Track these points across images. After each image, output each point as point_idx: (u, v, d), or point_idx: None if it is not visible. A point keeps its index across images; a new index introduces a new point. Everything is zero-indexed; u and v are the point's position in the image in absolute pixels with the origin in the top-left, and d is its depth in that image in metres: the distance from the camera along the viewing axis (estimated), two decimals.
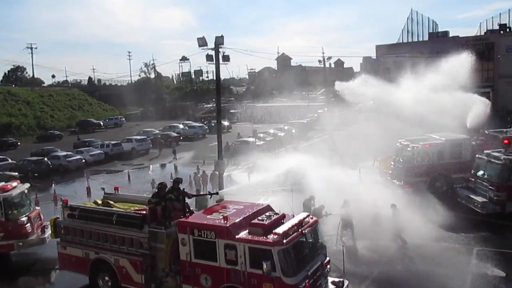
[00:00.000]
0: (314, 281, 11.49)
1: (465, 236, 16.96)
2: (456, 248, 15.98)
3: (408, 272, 14.53)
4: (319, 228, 12.72)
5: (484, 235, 17.22)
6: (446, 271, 14.39)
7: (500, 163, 18.78)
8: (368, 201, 17.03)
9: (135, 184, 30.84)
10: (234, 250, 11.23)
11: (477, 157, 20.75)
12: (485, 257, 15.07)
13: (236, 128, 55.72)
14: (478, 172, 20.15)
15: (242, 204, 13.45)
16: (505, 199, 18.50)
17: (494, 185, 18.81)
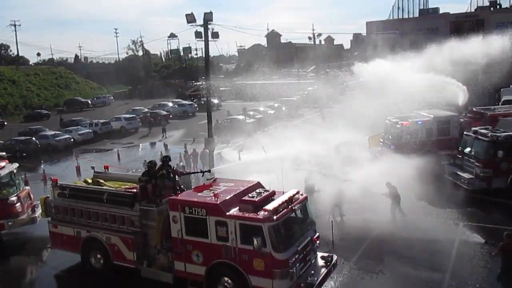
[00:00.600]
0: (303, 256, 11.75)
1: (451, 212, 17.36)
2: (442, 223, 16.36)
3: (394, 245, 14.92)
4: (308, 204, 12.94)
5: (470, 211, 17.64)
6: (432, 244, 14.85)
7: (487, 140, 19.08)
8: (361, 177, 17.41)
9: (125, 162, 30.83)
10: (225, 226, 11.40)
11: (464, 134, 21.05)
12: (470, 231, 15.49)
13: (225, 106, 55.56)
14: (465, 149, 20.46)
15: (232, 181, 13.57)
16: (492, 175, 18.85)
17: (481, 161, 19.13)
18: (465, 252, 14.35)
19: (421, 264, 13.68)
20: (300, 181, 17.03)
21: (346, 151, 19.44)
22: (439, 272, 13.16)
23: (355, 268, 13.75)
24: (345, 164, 19.76)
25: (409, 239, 15.36)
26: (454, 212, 17.34)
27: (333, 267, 12.57)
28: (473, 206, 17.97)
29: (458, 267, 13.44)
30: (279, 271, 10.93)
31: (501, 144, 18.70)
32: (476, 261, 13.71)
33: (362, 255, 14.55)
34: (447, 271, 13.20)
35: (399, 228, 16.22)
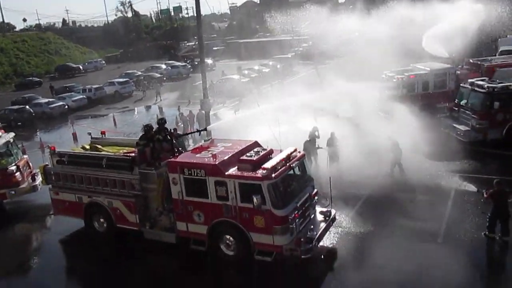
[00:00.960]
0: (302, 212, 12.06)
1: (448, 164, 17.60)
2: (439, 175, 16.65)
3: (392, 198, 15.28)
4: (306, 161, 13.12)
5: (466, 162, 17.90)
6: (429, 196, 15.24)
7: (484, 91, 19.06)
8: (359, 132, 17.61)
9: (122, 127, 30.84)
10: (225, 186, 11.60)
11: (461, 86, 21.03)
12: (466, 182, 15.81)
13: (219, 66, 54.98)
14: (461, 101, 20.49)
15: (230, 141, 13.69)
16: (487, 126, 18.99)
17: (477, 113, 19.20)
18: (461, 202, 14.73)
19: (418, 216, 14.04)
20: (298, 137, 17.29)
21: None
22: (436, 222, 13.53)
23: (353, 222, 14.11)
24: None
25: (407, 192, 15.73)
26: (450, 164, 17.60)
27: (331, 221, 12.92)
28: (469, 158, 18.21)
29: (453, 217, 13.82)
30: (279, 227, 11.23)
31: (497, 95, 18.69)
32: (471, 209, 14.09)
33: (360, 209, 14.90)
34: (443, 221, 13.57)
35: (397, 182, 16.56)
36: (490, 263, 12.23)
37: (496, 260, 12.33)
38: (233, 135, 15.03)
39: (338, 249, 12.75)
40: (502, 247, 12.28)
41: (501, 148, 18.55)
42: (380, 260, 11.93)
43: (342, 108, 21.80)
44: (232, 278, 12.21)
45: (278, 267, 11.79)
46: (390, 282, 10.95)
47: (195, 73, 49.64)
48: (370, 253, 12.31)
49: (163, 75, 51.41)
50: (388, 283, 10.93)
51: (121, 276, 12.78)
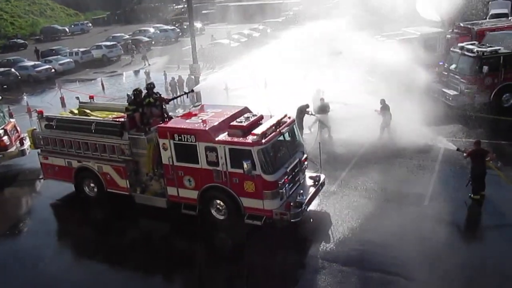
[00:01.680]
0: (292, 177, 12.12)
1: (436, 128, 17.64)
2: (427, 140, 16.71)
3: (380, 163, 15.41)
4: (296, 127, 13.06)
5: (454, 127, 17.99)
6: (417, 160, 15.40)
7: (473, 55, 18.96)
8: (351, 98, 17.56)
9: (110, 92, 30.35)
10: (215, 152, 11.56)
11: (450, 51, 20.88)
12: (453, 145, 15.96)
13: (209, 30, 53.85)
14: (451, 65, 20.40)
15: (220, 107, 13.56)
16: (475, 91, 19.02)
17: (466, 77, 19.19)
18: (448, 165, 14.96)
19: (407, 179, 14.24)
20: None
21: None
22: (423, 185, 13.75)
23: (342, 186, 14.24)
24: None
25: (395, 156, 15.86)
26: (438, 128, 17.64)
27: (321, 186, 13.02)
28: (457, 122, 18.31)
29: (440, 179, 14.07)
30: (269, 192, 11.30)
31: (487, 59, 18.63)
32: (457, 172, 14.34)
33: (349, 173, 15.03)
34: (430, 184, 13.80)
35: (385, 146, 16.65)
36: (469, 219, 12.64)
37: (473, 215, 12.73)
38: (223, 101, 14.84)
39: (326, 213, 12.90)
40: (479, 202, 12.74)
41: (487, 112, 18.61)
42: (368, 223, 12.14)
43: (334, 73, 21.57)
44: (223, 241, 12.36)
45: (268, 231, 11.94)
46: (375, 244, 11.18)
47: (184, 37, 48.62)
48: (358, 216, 12.50)
49: (151, 39, 50.25)
50: (374, 245, 11.15)
51: (113, 239, 12.87)
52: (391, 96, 17.61)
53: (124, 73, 37.27)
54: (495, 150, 13.33)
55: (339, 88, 19.32)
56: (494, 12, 34.51)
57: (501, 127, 17.73)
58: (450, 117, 18.72)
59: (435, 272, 10.09)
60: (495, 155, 12.82)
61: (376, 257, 10.70)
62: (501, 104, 19.16)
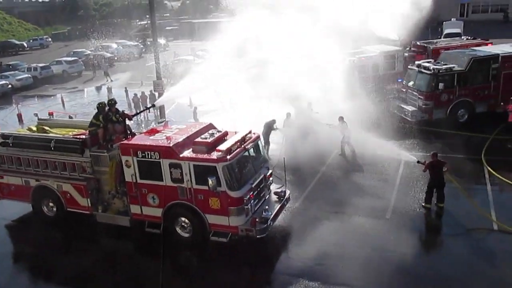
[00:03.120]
0: (258, 192, 12.13)
1: (397, 143, 18.12)
2: (388, 154, 17.12)
3: (343, 177, 15.69)
4: (261, 143, 13.13)
5: (413, 142, 18.55)
6: (379, 174, 15.77)
7: (429, 73, 19.73)
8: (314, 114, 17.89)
9: (71, 108, 29.60)
10: (179, 168, 11.44)
11: (408, 68, 21.67)
12: (411, 159, 16.46)
13: (172, 46, 53.70)
14: (409, 82, 21.13)
15: (184, 124, 13.52)
16: (433, 107, 19.75)
17: (423, 94, 19.91)
18: (408, 178, 15.41)
19: (369, 194, 14.52)
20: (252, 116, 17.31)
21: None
22: (385, 199, 14.08)
23: (306, 201, 14.36)
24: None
25: (357, 170, 16.25)
26: (398, 143, 18.16)
27: (286, 201, 13.08)
28: (416, 137, 18.90)
29: (401, 192, 14.45)
30: (234, 208, 11.25)
31: (442, 76, 19.43)
32: (417, 184, 14.77)
33: (314, 188, 15.20)
34: (392, 197, 14.15)
35: (348, 161, 17.00)
36: (428, 230, 13.03)
37: (433, 227, 13.10)
38: (187, 119, 14.77)
39: (292, 228, 12.94)
40: (438, 214, 13.21)
41: (445, 127, 19.30)
42: (332, 237, 12.25)
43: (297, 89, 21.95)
44: (188, 259, 12.15)
45: (233, 247, 11.84)
46: (340, 258, 11.29)
47: (148, 53, 48.23)
48: (322, 231, 12.61)
49: (114, 54, 49.63)
50: (339, 259, 11.26)
51: (73, 261, 12.37)
52: (351, 113, 18.05)
53: (85, 89, 36.50)
54: (451, 163, 13.82)
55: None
56: (448, 31, 36.23)
57: (457, 142, 18.39)
58: (409, 132, 19.34)
59: (398, 285, 10.27)
60: (449, 167, 13.29)
61: (341, 271, 10.80)
62: (456, 119, 19.93)
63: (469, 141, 18.60)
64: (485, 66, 19.78)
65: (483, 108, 20.06)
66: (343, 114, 17.59)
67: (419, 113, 20.03)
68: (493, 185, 14.55)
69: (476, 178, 15.28)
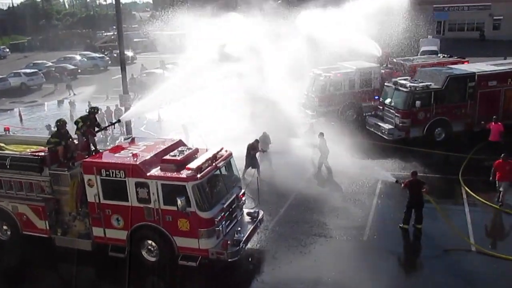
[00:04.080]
0: (229, 213, 12.11)
1: (372, 162, 18.50)
2: (364, 173, 17.43)
3: (319, 197, 15.84)
4: (233, 161, 13.16)
5: (390, 160, 18.91)
6: (355, 194, 15.99)
7: (406, 90, 20.29)
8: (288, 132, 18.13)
9: (29, 123, 28.99)
10: (146, 188, 11.34)
11: (385, 85, 22.23)
12: (390, 178, 16.76)
13: (141, 59, 53.54)
14: (386, 99, 21.66)
15: (152, 140, 13.51)
16: (410, 125, 20.26)
17: (400, 112, 20.43)
18: (385, 198, 15.65)
19: (346, 214, 14.68)
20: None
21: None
22: (362, 220, 14.26)
23: (281, 222, 14.40)
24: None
25: (334, 190, 16.45)
26: (375, 162, 18.49)
27: (259, 222, 13.08)
28: (393, 156, 19.28)
29: (378, 213, 14.68)
30: (205, 230, 11.19)
31: (419, 94, 19.99)
32: (394, 205, 14.98)
33: (288, 208, 15.28)
34: (369, 218, 14.34)
35: (324, 180, 17.20)
36: (406, 251, 13.28)
37: (411, 248, 13.37)
38: (156, 134, 14.70)
39: (266, 250, 12.93)
40: (416, 235, 13.44)
41: (421, 146, 19.81)
42: (308, 260, 12.31)
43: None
44: (154, 285, 11.94)
45: (203, 272, 11.73)
46: (316, 282, 11.34)
47: (114, 65, 47.89)
48: (298, 253, 12.63)
49: (77, 67, 49.05)
50: (315, 283, 11.31)
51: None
52: (329, 130, 18.36)
53: (45, 103, 35.83)
54: (428, 183, 14.14)
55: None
56: (424, 49, 37.44)
57: (434, 161, 18.89)
58: (386, 150, 19.73)
59: None
60: (428, 188, 13.56)
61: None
62: (434, 138, 20.46)
63: (447, 160, 19.16)
64: (462, 85, 20.46)
65: (460, 127, 20.63)
66: (320, 132, 17.87)
67: (396, 131, 20.49)
68: (470, 205, 14.94)
69: (454, 198, 15.71)
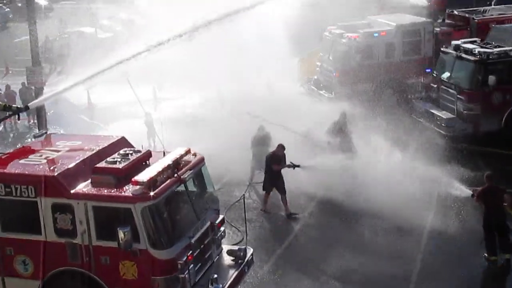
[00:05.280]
0: (201, 252, 12.04)
1: (424, 170, 18.30)
2: (412, 186, 17.35)
3: (340, 225, 16.03)
4: (207, 170, 13.10)
5: (450, 169, 18.69)
6: (398, 218, 16.01)
7: (474, 59, 20.23)
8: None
9: None
10: (70, 213, 11.27)
11: (441, 52, 22.21)
12: (448, 195, 16.76)
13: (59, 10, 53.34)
14: (443, 74, 21.63)
15: (78, 138, 13.45)
16: (480, 113, 20.26)
17: (465, 93, 20.41)
18: (443, 223, 15.70)
19: (379, 254, 14.68)
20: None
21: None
22: (407, 258, 14.34)
23: (280, 265, 14.40)
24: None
25: (363, 214, 16.46)
26: (427, 170, 18.36)
27: (247, 266, 13.03)
28: (454, 161, 19.16)
29: (432, 249, 14.74)
30: (161, 279, 11.12)
31: (494, 65, 19.97)
32: (456, 234, 15.05)
33: (292, 242, 15.30)
34: (418, 256, 14.42)
35: (349, 195, 17.24)
36: None
37: None
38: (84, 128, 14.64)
39: None
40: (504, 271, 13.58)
41: (499, 146, 19.90)
42: None
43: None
44: None
45: None
46: None
47: (18, 21, 47.58)
48: None
49: None
50: None
51: None
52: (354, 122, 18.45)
53: None
54: None
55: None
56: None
57: None
58: (442, 152, 19.57)
59: None
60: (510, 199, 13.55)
61: None
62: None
63: None
64: None
65: None
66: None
67: (458, 123, 20.53)
68: None
69: None
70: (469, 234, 14.64)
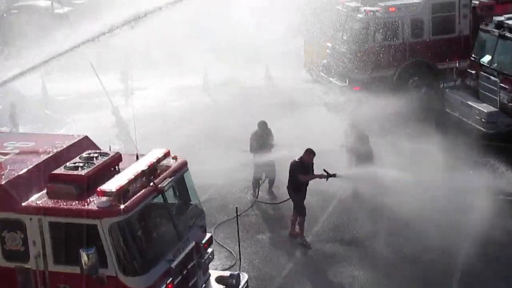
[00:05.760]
0: (183, 279, 12.07)
1: (461, 176, 18.34)
2: (445, 198, 17.39)
3: (361, 244, 16.07)
4: (190, 177, 13.12)
5: (494, 173, 18.92)
6: (431, 241, 16.02)
7: None
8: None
9: None
10: (21, 231, 11.30)
11: (481, 30, 22.28)
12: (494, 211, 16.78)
13: None
14: (482, 57, 21.72)
15: (31, 138, 13.56)
16: None
17: (510, 80, 20.56)
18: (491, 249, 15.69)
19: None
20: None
21: None
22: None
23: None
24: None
25: (385, 233, 16.51)
26: (465, 176, 18.42)
27: None
28: (499, 164, 19.40)
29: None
30: None
31: None
32: None
33: (297, 267, 15.30)
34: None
35: (359, 211, 17.50)
36: None
37: None
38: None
39: None
40: None
41: None
42: None
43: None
44: None
45: None
46: None
47: None
48: None
49: None
50: None
51: None
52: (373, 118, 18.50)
53: None
54: None
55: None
56: None
57: None
58: (483, 154, 19.72)
59: None
60: None
61: None
62: None
63: None
64: None
65: None
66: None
67: (502, 117, 20.61)
68: None
69: None
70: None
